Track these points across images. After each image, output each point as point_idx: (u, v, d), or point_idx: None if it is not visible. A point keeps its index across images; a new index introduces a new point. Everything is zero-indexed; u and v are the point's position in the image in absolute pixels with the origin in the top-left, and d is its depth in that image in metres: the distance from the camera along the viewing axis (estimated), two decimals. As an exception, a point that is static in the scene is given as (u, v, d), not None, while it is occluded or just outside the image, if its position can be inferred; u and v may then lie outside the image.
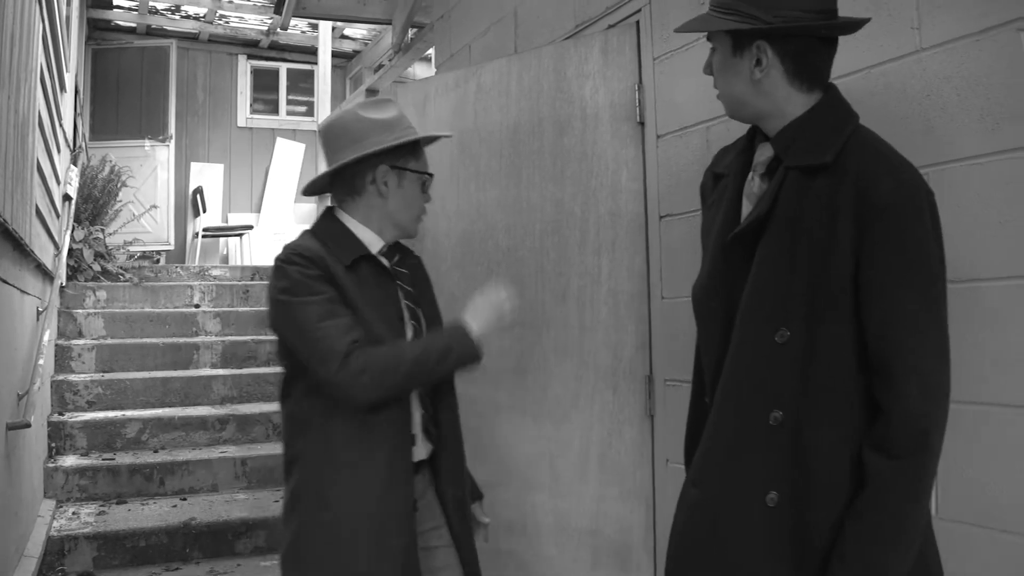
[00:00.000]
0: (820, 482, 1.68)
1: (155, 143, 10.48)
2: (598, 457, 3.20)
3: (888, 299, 1.65)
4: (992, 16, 1.98)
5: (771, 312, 1.72)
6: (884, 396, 1.65)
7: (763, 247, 1.74)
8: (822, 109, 1.81)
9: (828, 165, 1.71)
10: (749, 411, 1.74)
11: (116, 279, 7.79)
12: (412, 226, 2.41)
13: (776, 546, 1.71)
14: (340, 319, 2.14)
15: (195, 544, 4.74)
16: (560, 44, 3.48)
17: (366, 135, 2.29)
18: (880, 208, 1.65)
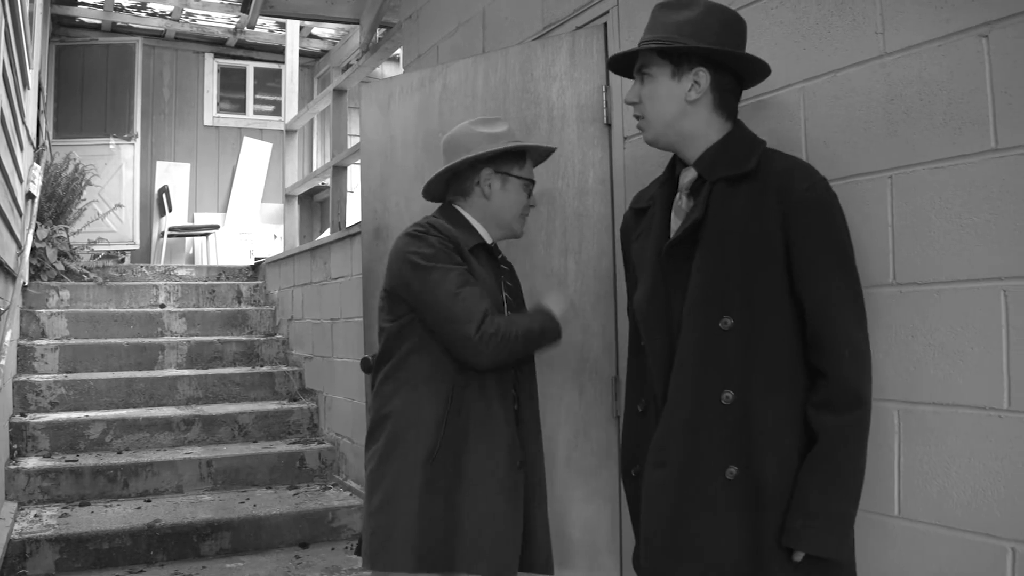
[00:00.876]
0: (773, 450, 1.94)
1: (120, 141, 10.36)
2: (564, 458, 3.20)
3: (819, 281, 1.94)
4: (955, 22, 2.00)
5: (714, 303, 1.99)
6: (823, 363, 1.93)
7: (701, 248, 2.02)
8: (736, 134, 2.14)
9: (751, 172, 2.01)
10: (702, 394, 1.99)
11: (80, 279, 7.71)
12: (515, 225, 2.72)
13: (736, 516, 1.94)
14: (476, 287, 2.46)
15: (159, 546, 4.69)
16: (527, 45, 3.48)
17: (475, 145, 2.63)
18: (800, 203, 1.95)
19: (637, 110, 2.17)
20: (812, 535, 1.85)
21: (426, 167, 3.72)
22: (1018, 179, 1.87)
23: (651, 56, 2.11)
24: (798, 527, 1.86)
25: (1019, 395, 1.86)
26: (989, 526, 1.91)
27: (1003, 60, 1.90)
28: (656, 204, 2.23)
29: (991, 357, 1.91)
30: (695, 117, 2.11)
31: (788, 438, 1.95)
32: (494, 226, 2.69)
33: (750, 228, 1.98)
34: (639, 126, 2.20)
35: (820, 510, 1.87)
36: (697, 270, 2.01)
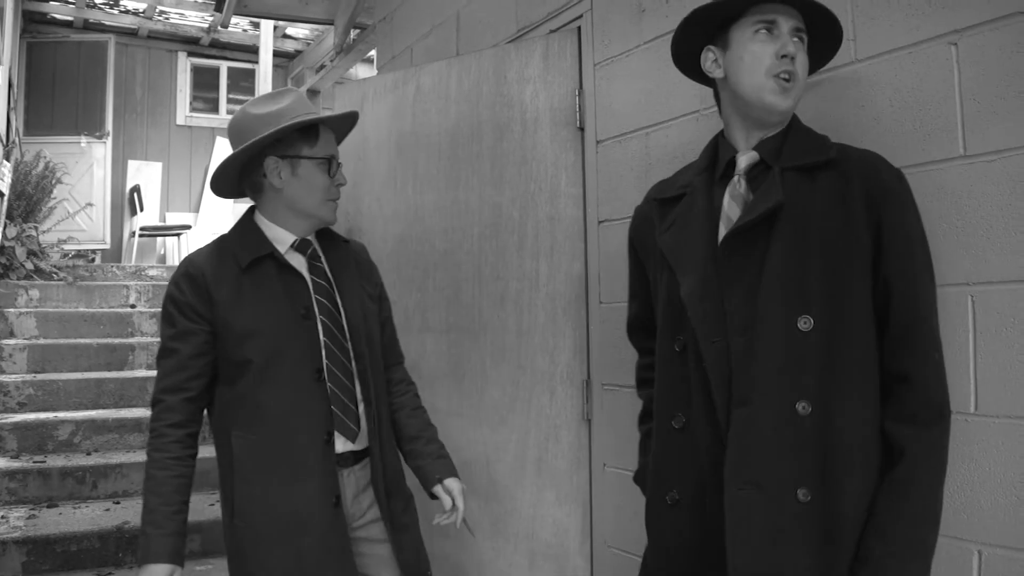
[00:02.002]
0: (852, 471, 1.71)
1: (92, 140, 10.28)
2: (535, 461, 3.20)
3: (913, 277, 1.75)
4: (924, 29, 2.01)
5: (793, 300, 1.76)
6: (910, 367, 1.72)
7: (778, 238, 1.79)
8: (798, 123, 1.96)
9: (832, 161, 1.82)
10: (780, 402, 1.74)
11: (50, 278, 7.64)
12: (321, 212, 2.39)
13: (808, 545, 1.70)
14: (172, 359, 2.27)
15: (128, 548, 4.65)
16: (501, 48, 3.48)
17: (253, 131, 2.29)
18: (893, 194, 1.78)
19: (792, 66, 1.86)
20: (895, 567, 1.66)
21: (399, 169, 3.73)
22: (986, 185, 1.88)
23: (802, 22, 1.90)
24: (879, 557, 1.67)
25: (986, 399, 1.88)
26: (956, 529, 1.92)
27: (972, 68, 1.92)
28: (697, 192, 1.99)
29: (958, 361, 1.92)
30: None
31: (869, 456, 1.73)
32: (297, 219, 2.38)
33: (834, 219, 1.77)
34: (788, 87, 1.86)
35: (904, 539, 1.67)
36: (773, 261, 1.78)
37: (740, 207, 1.88)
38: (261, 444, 2.26)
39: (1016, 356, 1.83)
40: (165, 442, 2.22)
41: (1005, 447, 1.84)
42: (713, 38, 1.96)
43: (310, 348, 2.32)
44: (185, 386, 2.25)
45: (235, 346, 2.26)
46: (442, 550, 3.38)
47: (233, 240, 2.38)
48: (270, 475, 2.25)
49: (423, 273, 3.62)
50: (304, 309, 2.32)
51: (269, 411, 2.26)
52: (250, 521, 2.24)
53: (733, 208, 1.89)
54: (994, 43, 1.88)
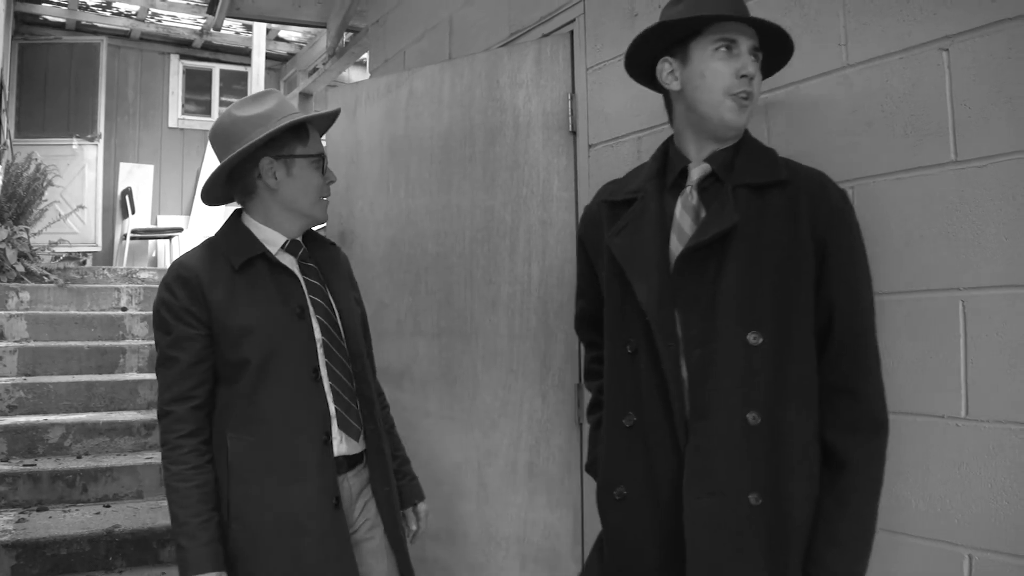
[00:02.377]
0: (799, 476, 1.82)
1: (83, 142, 10.26)
2: (526, 465, 3.20)
3: (855, 294, 1.86)
4: (916, 35, 2.02)
5: (745, 316, 1.84)
6: (852, 380, 1.84)
7: (733, 256, 1.86)
8: (750, 138, 2.04)
9: (783, 181, 1.90)
10: (735, 414, 1.83)
11: (40, 280, 7.61)
12: (315, 211, 2.40)
13: (759, 545, 1.80)
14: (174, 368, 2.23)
15: (118, 552, 4.63)
16: (494, 52, 3.48)
17: (244, 133, 2.29)
18: (839, 213, 1.88)
19: (750, 85, 1.94)
20: (845, 567, 1.80)
21: (391, 172, 3.73)
22: (976, 190, 1.89)
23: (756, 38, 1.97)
24: (830, 558, 1.80)
25: (976, 404, 1.88)
26: (947, 533, 1.93)
27: (963, 73, 1.93)
28: (649, 198, 2.04)
29: (949, 366, 1.93)
30: None
31: (812, 463, 1.84)
32: (291, 219, 2.38)
33: (783, 237, 1.86)
34: (745, 104, 1.94)
35: (850, 539, 1.81)
36: (727, 280, 1.86)
37: (692, 218, 1.96)
38: (258, 445, 2.25)
39: (1006, 361, 1.84)
40: (181, 454, 2.20)
41: (996, 452, 1.85)
42: (670, 50, 2.02)
43: (306, 347, 2.31)
44: (191, 394, 2.23)
45: (231, 347, 2.25)
46: (433, 554, 3.38)
47: (223, 242, 2.37)
48: (268, 476, 2.24)
49: (415, 277, 3.62)
50: (299, 308, 2.32)
51: (266, 411, 2.25)
52: (247, 523, 2.23)
53: (685, 219, 1.97)
54: (985, 49, 1.88)
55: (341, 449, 2.35)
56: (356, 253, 3.79)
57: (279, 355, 2.27)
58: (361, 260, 3.77)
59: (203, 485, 2.20)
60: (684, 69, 1.99)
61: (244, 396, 2.26)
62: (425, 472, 3.35)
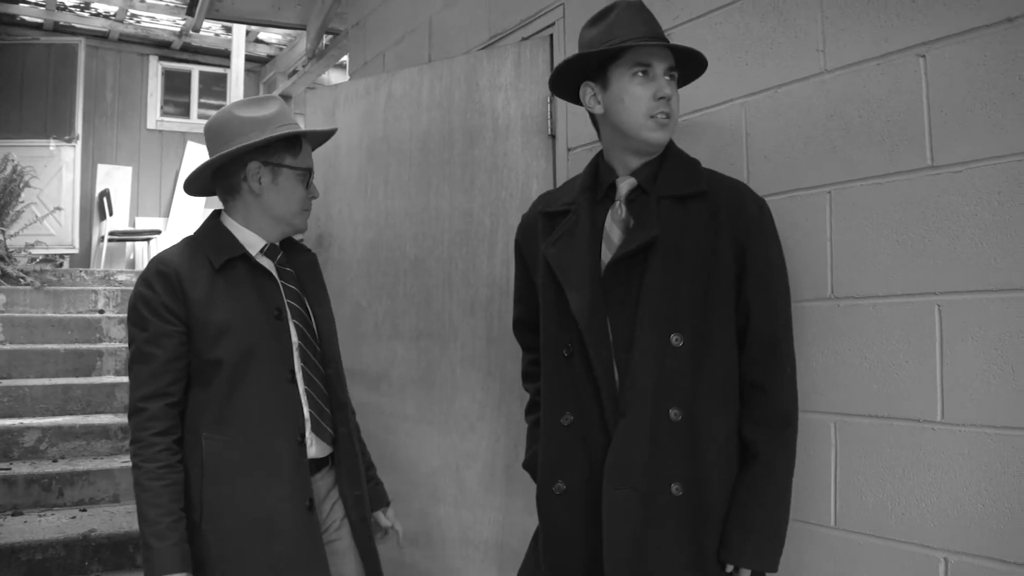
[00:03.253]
0: (717, 467, 1.96)
1: (61, 143, 10.18)
2: (504, 468, 3.20)
3: (770, 300, 2.00)
4: (893, 41, 2.03)
5: (666, 320, 1.97)
6: (765, 379, 1.98)
7: (654, 264, 1.98)
8: (675, 151, 2.15)
9: (703, 192, 2.03)
10: (654, 411, 1.95)
11: (16, 282, 7.55)
12: (295, 221, 2.42)
13: (683, 533, 1.92)
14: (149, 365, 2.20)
15: (95, 557, 4.59)
16: (473, 55, 3.47)
17: (238, 134, 2.31)
18: (754, 224, 2.01)
19: (667, 106, 2.05)
20: (753, 551, 1.92)
21: (370, 175, 3.72)
22: (952, 196, 1.90)
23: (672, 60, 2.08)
24: (738, 543, 1.92)
25: (952, 408, 1.90)
26: (923, 536, 1.94)
27: (940, 79, 1.94)
28: (581, 210, 2.16)
29: (925, 370, 1.94)
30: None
31: (730, 455, 1.98)
32: (270, 225, 2.38)
33: (702, 247, 1.99)
34: (664, 123, 2.05)
35: (760, 526, 1.93)
36: (649, 286, 1.98)
37: (621, 230, 2.08)
38: (232, 445, 2.24)
39: (982, 365, 1.85)
40: (154, 452, 2.17)
41: (971, 456, 1.86)
42: (591, 75, 2.13)
43: (283, 349, 2.32)
44: (166, 391, 2.21)
45: (208, 345, 2.23)
46: (412, 558, 3.36)
47: (202, 241, 2.36)
48: (242, 477, 2.23)
49: (393, 279, 3.61)
50: (276, 310, 2.33)
51: (241, 411, 2.24)
52: (219, 526, 2.21)
53: (615, 230, 2.09)
54: (961, 56, 1.90)
55: (311, 452, 2.35)
56: (334, 256, 3.78)
57: (256, 355, 2.26)
58: (339, 263, 3.76)
59: (174, 484, 2.18)
60: (605, 93, 2.10)
61: (220, 396, 2.24)
62: (403, 476, 3.34)
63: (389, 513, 2.66)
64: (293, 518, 2.25)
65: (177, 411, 2.25)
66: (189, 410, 2.27)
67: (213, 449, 2.23)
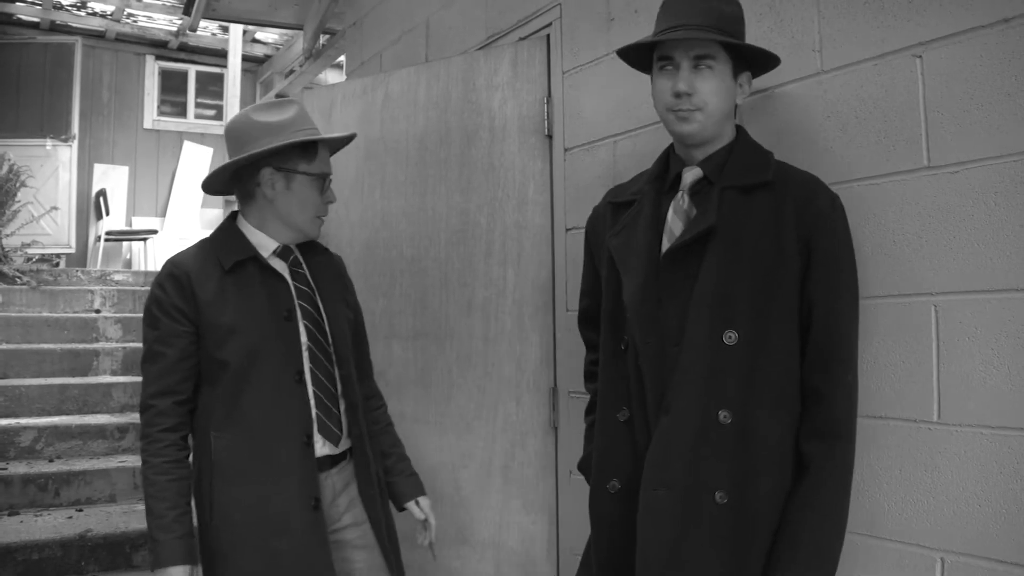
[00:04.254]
0: (767, 476, 1.85)
1: (57, 143, 10.16)
2: (501, 469, 3.20)
3: (833, 299, 1.87)
4: (890, 41, 2.03)
5: (720, 315, 1.87)
6: (826, 385, 1.85)
7: (711, 256, 1.90)
8: (745, 140, 2.06)
9: (769, 183, 1.92)
10: (701, 411, 1.86)
11: (13, 282, 7.54)
12: (308, 227, 2.43)
13: (722, 542, 1.82)
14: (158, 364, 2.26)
15: (91, 557, 4.59)
16: (470, 55, 3.47)
17: (254, 139, 2.32)
18: (825, 219, 1.89)
19: (687, 102, 1.96)
20: (803, 568, 1.79)
21: (366, 175, 3.71)
22: (949, 196, 1.90)
23: (715, 47, 1.95)
24: (787, 560, 1.79)
25: (948, 408, 1.89)
26: (919, 536, 1.94)
27: (936, 80, 1.94)
28: (645, 200, 2.09)
29: (922, 370, 1.94)
30: (730, 119, 2.05)
31: (782, 464, 1.86)
32: (283, 229, 2.41)
33: (765, 240, 1.89)
34: (685, 115, 1.97)
35: (812, 544, 1.80)
36: (704, 279, 1.89)
37: (683, 221, 2.00)
38: (240, 445, 2.27)
39: (979, 366, 1.85)
40: (160, 447, 2.23)
41: (967, 456, 1.86)
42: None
43: (291, 350, 2.34)
44: (175, 389, 2.27)
45: (217, 345, 2.27)
46: (408, 558, 3.35)
47: (215, 243, 2.40)
48: (249, 476, 2.27)
49: (390, 279, 3.61)
50: (286, 312, 2.35)
51: (249, 412, 2.28)
52: (231, 523, 2.25)
53: (676, 222, 2.01)
54: (957, 56, 1.90)
55: (323, 451, 2.38)
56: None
57: (263, 356, 2.29)
58: (336, 263, 3.76)
59: (181, 479, 2.23)
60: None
61: (228, 396, 2.28)
62: (400, 476, 3.33)
63: (423, 504, 2.68)
64: (299, 517, 2.27)
65: (186, 409, 2.30)
66: (200, 409, 2.32)
67: (221, 447, 2.27)
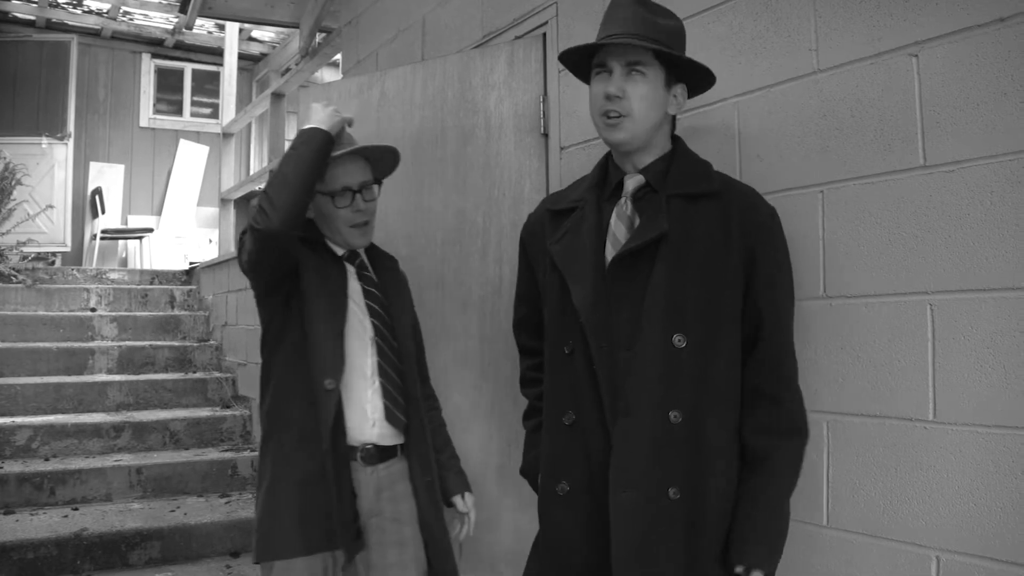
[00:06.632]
0: (716, 472, 1.93)
1: (53, 141, 10.13)
2: (496, 467, 3.20)
3: (778, 306, 1.98)
4: (886, 40, 2.03)
5: (670, 320, 1.93)
6: (774, 387, 1.96)
7: (661, 262, 1.94)
8: (684, 150, 2.14)
9: (715, 192, 2.01)
10: (655, 412, 1.92)
11: (8, 280, 7.54)
12: (348, 239, 2.53)
13: (678, 535, 1.89)
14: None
15: (86, 556, 4.59)
16: (466, 53, 3.47)
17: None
18: (766, 228, 1.99)
19: (618, 105, 2.01)
20: (756, 552, 1.89)
21: (363, 173, 3.70)
22: (945, 195, 1.90)
23: (648, 56, 2.01)
24: (743, 546, 1.90)
25: (944, 406, 1.90)
26: (915, 535, 1.94)
27: (932, 79, 1.94)
28: (587, 206, 2.14)
29: (917, 369, 1.95)
30: (663, 129, 2.10)
31: (730, 460, 1.96)
32: (334, 241, 2.56)
33: (713, 248, 1.96)
34: (614, 123, 2.03)
35: (765, 531, 1.90)
36: (655, 284, 1.94)
37: (626, 227, 2.06)
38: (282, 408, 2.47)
39: (974, 365, 1.85)
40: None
41: (963, 454, 1.86)
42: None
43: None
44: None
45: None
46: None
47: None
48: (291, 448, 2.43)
49: (386, 278, 3.60)
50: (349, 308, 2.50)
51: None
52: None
53: (620, 228, 2.07)
54: (954, 55, 1.90)
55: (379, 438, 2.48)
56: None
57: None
58: (332, 261, 3.76)
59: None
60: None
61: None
62: (396, 475, 3.33)
63: (467, 498, 2.73)
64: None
65: None
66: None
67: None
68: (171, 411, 6.47)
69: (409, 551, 2.50)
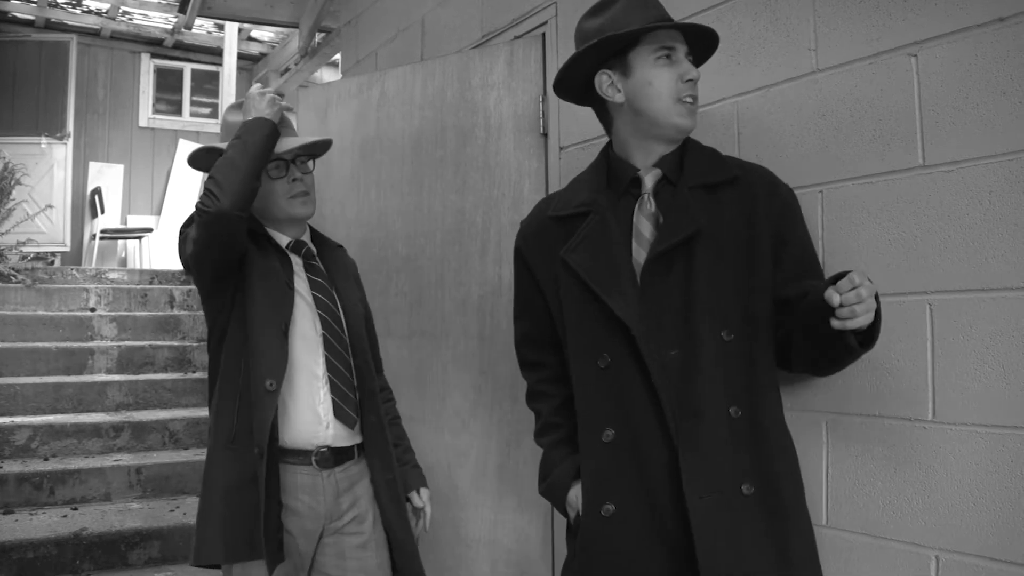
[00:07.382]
0: (782, 460, 1.92)
1: (52, 141, 10.13)
2: (496, 467, 3.20)
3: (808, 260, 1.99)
4: (885, 40, 2.03)
5: (717, 314, 1.90)
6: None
7: (700, 257, 1.91)
8: (693, 140, 2.10)
9: (735, 179, 1.98)
10: (719, 410, 1.87)
11: (7, 280, 7.53)
12: (290, 210, 2.48)
13: (760, 532, 1.84)
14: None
15: (86, 556, 4.59)
16: (466, 53, 3.47)
17: (223, 139, 2.43)
18: (788, 206, 2.00)
19: (695, 90, 2.03)
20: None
21: (362, 173, 3.71)
22: (944, 195, 1.90)
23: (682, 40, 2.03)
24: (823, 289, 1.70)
25: (943, 407, 1.90)
26: (914, 535, 1.94)
27: (931, 79, 1.94)
28: (604, 210, 2.04)
29: (917, 369, 1.94)
30: None
31: (786, 440, 1.97)
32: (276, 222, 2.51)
33: (740, 235, 1.94)
34: (693, 108, 2.03)
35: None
36: (696, 280, 1.90)
37: (652, 225, 1.99)
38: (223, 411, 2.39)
39: (973, 364, 1.85)
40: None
41: (962, 454, 1.86)
42: (607, 63, 2.05)
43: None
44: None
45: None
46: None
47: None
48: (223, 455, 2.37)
49: (386, 278, 3.61)
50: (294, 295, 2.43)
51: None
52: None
53: (646, 226, 2.00)
54: (952, 55, 1.90)
55: (328, 438, 2.38)
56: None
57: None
58: (332, 261, 3.76)
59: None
60: (627, 80, 2.03)
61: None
62: (395, 474, 3.33)
63: (423, 494, 2.69)
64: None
65: None
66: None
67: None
68: (170, 411, 6.46)
69: (371, 554, 2.43)
